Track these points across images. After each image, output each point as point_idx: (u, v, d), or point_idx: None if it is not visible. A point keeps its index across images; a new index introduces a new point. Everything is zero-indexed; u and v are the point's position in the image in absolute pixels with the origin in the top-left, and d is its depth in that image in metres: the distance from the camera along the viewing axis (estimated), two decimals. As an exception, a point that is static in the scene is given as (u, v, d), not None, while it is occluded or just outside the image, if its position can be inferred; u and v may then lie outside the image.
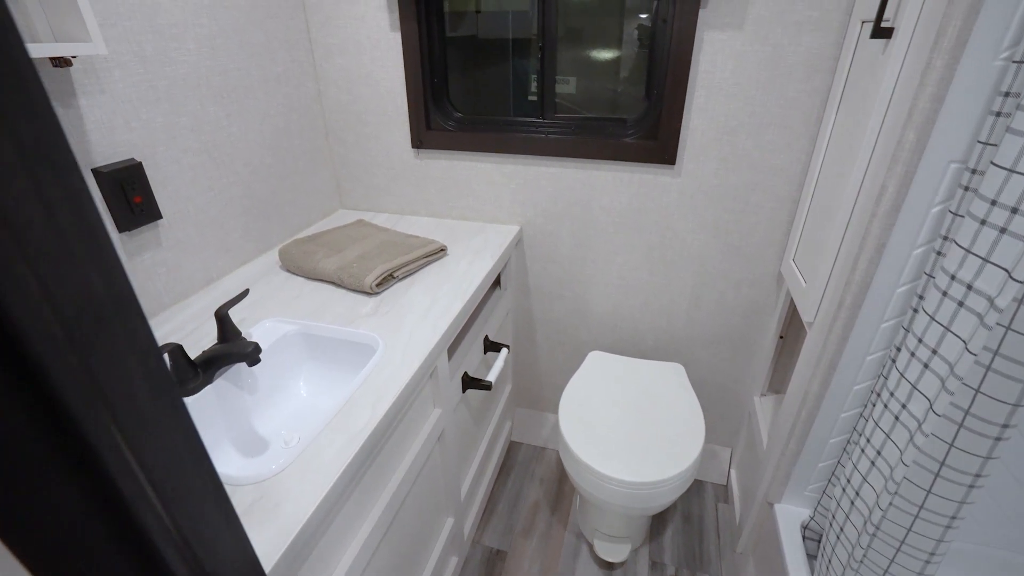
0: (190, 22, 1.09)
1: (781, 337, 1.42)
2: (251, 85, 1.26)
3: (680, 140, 1.30)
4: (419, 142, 1.47)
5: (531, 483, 1.76)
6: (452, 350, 1.20)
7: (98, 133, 0.94)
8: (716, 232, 1.39)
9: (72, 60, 0.84)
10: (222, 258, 1.24)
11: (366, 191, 1.63)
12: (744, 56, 1.18)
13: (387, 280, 1.17)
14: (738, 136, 1.26)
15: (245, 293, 0.99)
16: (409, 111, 1.44)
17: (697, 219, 1.38)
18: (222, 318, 0.92)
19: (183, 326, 1.06)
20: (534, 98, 1.42)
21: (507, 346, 1.39)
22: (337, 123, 1.54)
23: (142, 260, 1.05)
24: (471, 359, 1.29)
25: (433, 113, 1.44)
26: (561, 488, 1.74)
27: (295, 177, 1.45)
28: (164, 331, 1.04)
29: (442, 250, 1.31)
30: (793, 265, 1.25)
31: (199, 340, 1.01)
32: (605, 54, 1.36)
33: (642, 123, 1.34)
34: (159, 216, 1.06)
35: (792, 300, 1.28)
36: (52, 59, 0.82)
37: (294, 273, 1.25)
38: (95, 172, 0.94)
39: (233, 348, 0.87)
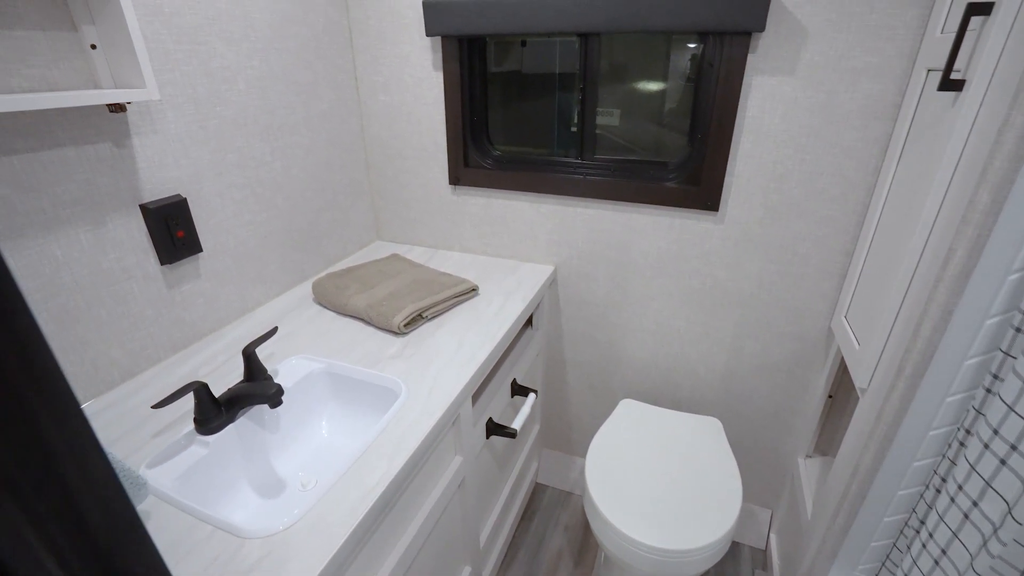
0: (243, 65, 1.13)
1: (830, 396, 1.32)
2: (296, 122, 1.29)
3: (724, 186, 1.25)
4: (456, 179, 1.47)
5: (555, 530, 1.69)
6: (477, 394, 1.17)
7: (148, 171, 0.98)
8: (760, 282, 1.31)
9: (126, 106, 0.88)
10: (258, 288, 1.26)
11: (403, 224, 1.64)
12: (796, 102, 1.12)
13: (416, 320, 1.16)
14: (787, 184, 1.20)
15: (273, 331, 0.99)
16: (448, 148, 1.44)
17: (740, 268, 1.32)
18: (249, 356, 0.93)
19: (214, 357, 1.07)
20: (576, 128, 1.40)
21: (535, 391, 1.35)
22: (378, 157, 1.57)
23: (180, 291, 1.07)
24: (497, 403, 1.26)
25: (471, 151, 1.45)
26: (586, 538, 1.66)
27: (334, 210, 1.48)
28: (197, 360, 1.06)
29: (473, 290, 1.29)
30: (845, 323, 1.16)
31: (227, 374, 1.02)
32: (648, 92, 1.34)
33: (684, 167, 1.30)
34: (199, 249, 1.08)
35: (843, 358, 1.19)
36: (109, 105, 0.86)
37: (325, 307, 1.26)
38: (142, 208, 0.97)
39: (256, 389, 0.87)
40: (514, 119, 1.49)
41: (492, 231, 1.53)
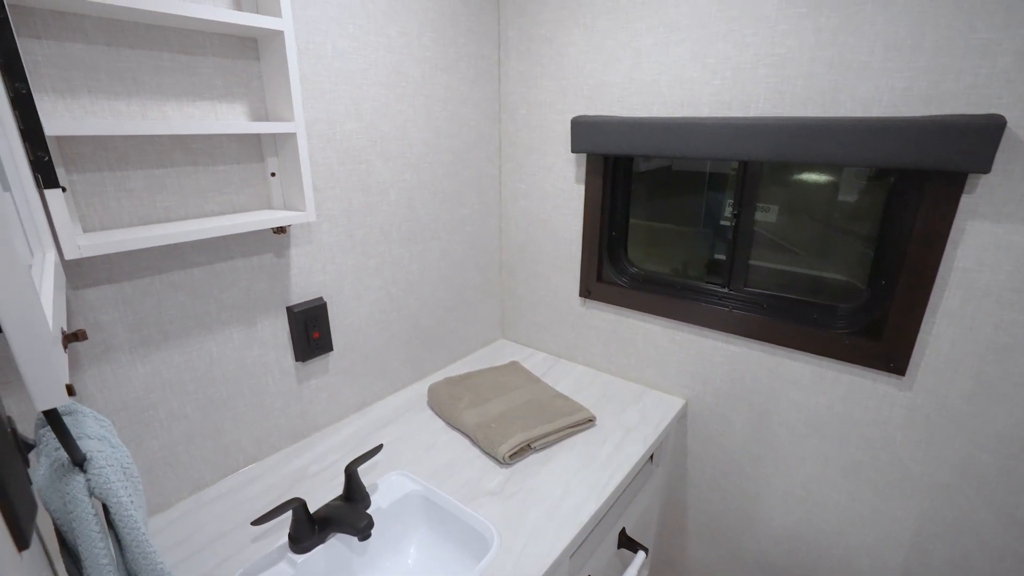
0: (396, 179, 1.21)
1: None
2: (437, 227, 1.35)
3: (916, 346, 1.00)
4: (587, 292, 1.40)
5: None
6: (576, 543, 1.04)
7: (299, 277, 1.06)
8: (964, 474, 1.01)
9: (287, 228, 0.97)
10: (378, 384, 1.30)
11: (529, 327, 1.61)
12: (1031, 260, 0.87)
13: (523, 451, 1.08)
14: (1015, 357, 0.92)
15: (378, 449, 0.98)
16: (582, 260, 1.39)
17: (934, 450, 1.03)
18: (351, 475, 0.92)
19: (325, 456, 1.10)
20: (727, 223, 1.24)
21: (645, 549, 1.17)
22: (511, 259, 1.57)
23: (308, 385, 1.13)
24: (599, 557, 1.11)
25: (606, 266, 1.37)
26: None
27: (463, 308, 1.49)
28: (312, 455, 1.09)
29: (590, 420, 1.18)
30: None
31: (331, 479, 1.03)
32: (815, 198, 1.15)
33: (859, 315, 1.08)
34: (331, 349, 1.14)
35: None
36: (273, 229, 0.95)
37: (437, 414, 1.24)
38: (288, 310, 1.05)
39: (349, 517, 0.85)
40: (657, 230, 1.38)
41: (620, 350, 1.42)
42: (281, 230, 0.96)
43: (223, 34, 0.87)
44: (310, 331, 1.08)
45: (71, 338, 0.47)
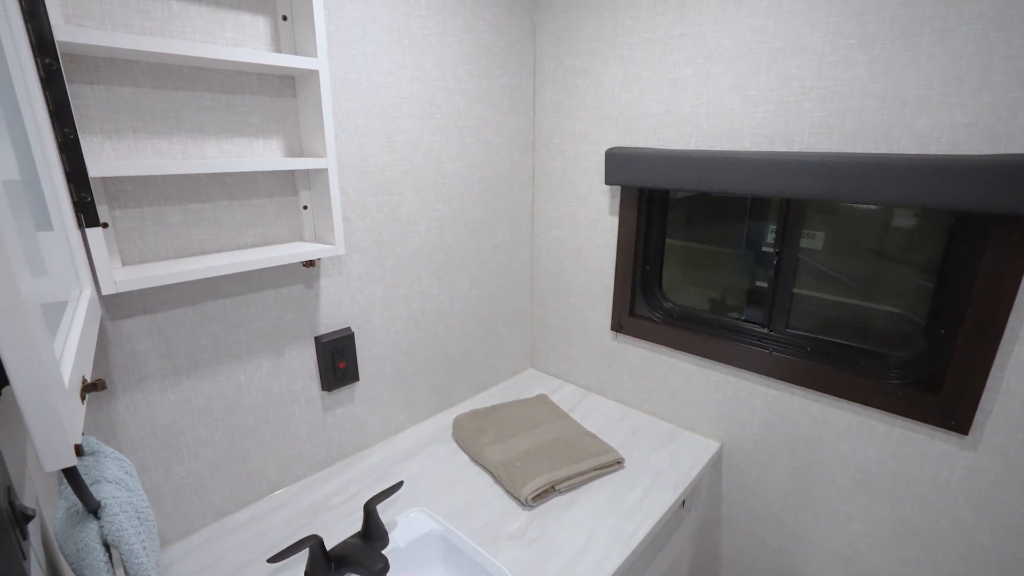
0: (427, 209, 1.21)
1: None
2: (468, 257, 1.34)
3: (982, 403, 0.91)
4: (619, 326, 1.36)
5: None
6: (601, 599, 0.99)
7: (328, 307, 1.07)
8: (1037, 547, 0.91)
9: (316, 261, 0.98)
10: (404, 413, 1.29)
11: (559, 358, 1.57)
12: (1117, 316, 0.78)
13: (547, 493, 1.05)
14: (1095, 423, 0.82)
15: (398, 486, 0.97)
16: (614, 293, 1.35)
17: (1003, 518, 0.93)
18: (369, 513, 0.91)
19: (347, 487, 1.09)
20: (768, 249, 1.17)
21: (675, 604, 1.10)
22: (543, 289, 1.55)
23: (334, 415, 1.14)
24: (625, 611, 1.05)
25: (639, 301, 1.33)
26: None
27: (492, 338, 1.47)
28: (334, 486, 1.08)
29: (618, 463, 1.14)
30: None
31: (351, 513, 1.02)
32: (865, 231, 1.08)
33: (915, 366, 0.99)
34: (357, 379, 1.14)
35: None
36: (303, 262, 0.97)
37: (461, 448, 1.22)
38: (316, 340, 1.06)
39: (365, 559, 0.83)
40: (694, 251, 1.32)
41: (652, 387, 1.36)
42: (311, 263, 0.97)
43: (262, 73, 0.89)
44: (337, 361, 1.09)
45: (90, 388, 0.47)
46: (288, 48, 0.91)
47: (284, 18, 0.89)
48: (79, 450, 0.38)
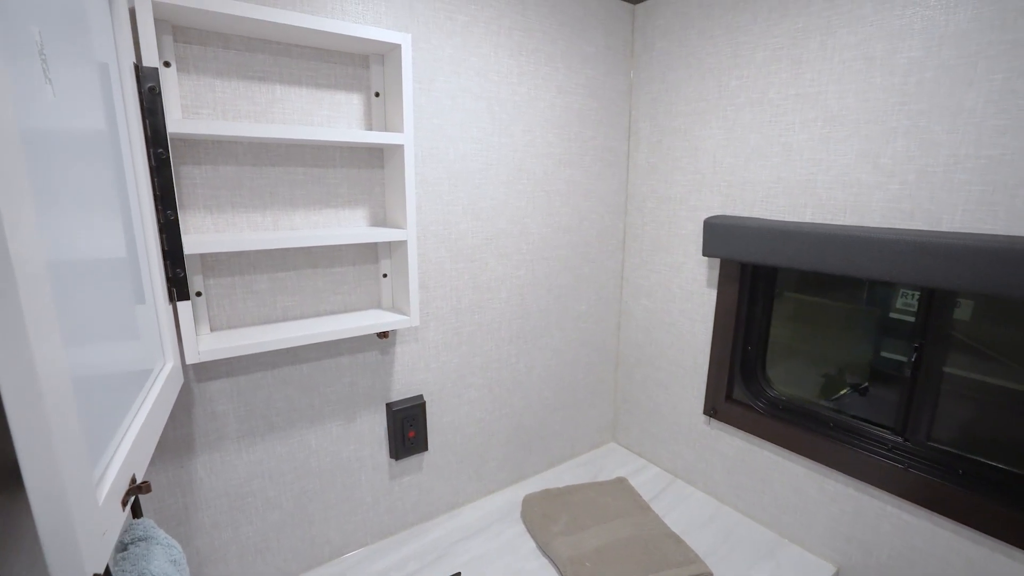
0: (509, 275, 1.17)
1: None
2: (550, 324, 1.28)
3: None
4: (713, 411, 1.21)
5: None
6: None
7: (402, 373, 1.06)
8: None
9: (388, 333, 0.97)
10: (472, 485, 1.23)
11: (643, 435, 1.43)
12: None
13: (616, 606, 0.92)
14: None
15: (454, 579, 0.90)
16: (709, 374, 1.21)
17: None
18: (421, 606, 0.85)
19: (405, 563, 1.04)
20: (898, 316, 0.98)
21: None
22: (628, 359, 1.43)
23: (400, 483, 1.10)
24: None
25: (737, 384, 1.18)
26: None
27: (570, 409, 1.38)
28: (394, 559, 1.04)
29: (704, 578, 0.98)
30: None
31: (407, 597, 0.96)
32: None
33: None
34: (426, 449, 1.11)
35: None
36: (378, 333, 0.96)
37: (528, 532, 1.13)
38: (387, 407, 1.05)
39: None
40: (806, 304, 1.14)
41: (749, 484, 1.18)
42: (384, 335, 0.97)
43: (352, 147, 0.92)
44: (406, 429, 1.06)
45: (135, 490, 0.47)
46: (379, 122, 0.93)
47: (376, 95, 0.92)
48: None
